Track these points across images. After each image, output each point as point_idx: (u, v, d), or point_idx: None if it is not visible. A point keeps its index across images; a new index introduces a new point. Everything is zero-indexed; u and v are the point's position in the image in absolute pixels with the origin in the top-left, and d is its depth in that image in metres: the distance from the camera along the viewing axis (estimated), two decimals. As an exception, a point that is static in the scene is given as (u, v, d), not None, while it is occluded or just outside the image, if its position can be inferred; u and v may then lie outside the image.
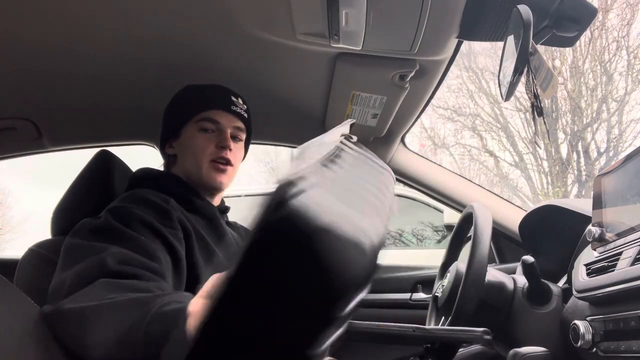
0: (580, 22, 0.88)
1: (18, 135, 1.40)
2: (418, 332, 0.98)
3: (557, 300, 1.21)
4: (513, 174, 10.25)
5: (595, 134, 9.26)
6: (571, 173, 9.38)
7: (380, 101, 1.30)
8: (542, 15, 0.86)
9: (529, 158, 9.90)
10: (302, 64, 1.19)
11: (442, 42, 1.03)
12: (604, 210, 1.06)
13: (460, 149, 10.72)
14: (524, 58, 0.77)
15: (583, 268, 1.07)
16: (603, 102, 9.12)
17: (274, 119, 1.47)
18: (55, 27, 1.02)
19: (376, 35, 1.00)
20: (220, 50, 1.15)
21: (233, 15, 1.01)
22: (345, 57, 1.13)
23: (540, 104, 0.81)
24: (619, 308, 0.91)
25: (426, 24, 0.95)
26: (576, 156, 9.31)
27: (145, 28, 1.06)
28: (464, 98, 10.53)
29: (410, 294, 1.77)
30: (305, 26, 1.00)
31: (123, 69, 1.21)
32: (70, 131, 1.48)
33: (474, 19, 0.95)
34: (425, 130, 10.76)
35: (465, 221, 1.33)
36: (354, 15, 0.93)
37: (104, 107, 1.38)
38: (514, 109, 9.69)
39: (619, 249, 0.96)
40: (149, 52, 1.15)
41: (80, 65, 1.17)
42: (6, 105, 1.30)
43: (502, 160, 10.22)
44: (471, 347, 1.57)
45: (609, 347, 0.93)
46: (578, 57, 9.08)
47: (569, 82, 9.19)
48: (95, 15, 1.00)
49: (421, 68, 1.15)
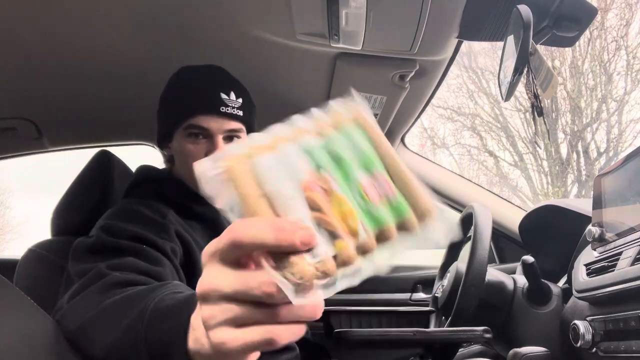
0: (580, 22, 0.88)
1: (18, 135, 1.40)
2: (418, 335, 0.98)
3: (557, 300, 1.21)
4: (513, 174, 10.25)
5: (595, 134, 9.26)
6: (571, 173, 9.38)
7: (380, 101, 1.30)
8: (542, 15, 0.86)
9: (528, 158, 9.89)
10: (302, 64, 1.19)
11: (442, 42, 1.03)
12: (604, 210, 1.06)
13: (460, 149, 10.72)
14: (524, 58, 0.78)
15: (583, 268, 1.07)
16: (603, 102, 9.12)
17: (274, 119, 1.46)
18: (56, 27, 1.02)
19: (376, 35, 1.00)
20: (220, 50, 1.15)
21: (233, 15, 1.01)
22: (345, 57, 1.13)
23: (540, 104, 0.81)
24: (619, 308, 0.91)
25: (426, 24, 0.95)
26: (576, 156, 9.30)
27: (145, 28, 1.06)
28: (464, 98, 10.53)
29: (410, 294, 1.77)
30: (305, 26, 1.00)
31: (123, 68, 1.21)
32: (70, 131, 1.48)
33: (474, 19, 0.95)
34: (425, 130, 10.75)
35: (465, 221, 1.33)
36: (354, 15, 0.93)
37: (104, 107, 1.38)
38: (514, 109, 9.69)
39: (619, 249, 0.96)
40: (149, 52, 1.15)
41: (80, 65, 1.17)
42: (6, 105, 1.30)
43: (502, 160, 10.22)
44: (471, 347, 1.57)
45: (609, 347, 0.93)
46: (577, 57, 9.08)
47: (569, 82, 9.19)
48: (95, 16, 1.00)
49: (421, 68, 1.15)
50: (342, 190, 0.32)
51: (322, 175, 0.32)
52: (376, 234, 0.33)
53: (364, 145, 0.34)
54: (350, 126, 0.35)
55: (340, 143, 0.34)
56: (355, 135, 0.34)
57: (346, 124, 0.35)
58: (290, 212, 0.32)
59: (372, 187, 0.33)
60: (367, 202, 0.33)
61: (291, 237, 0.31)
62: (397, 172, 0.35)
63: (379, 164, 0.34)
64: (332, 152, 0.33)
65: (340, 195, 0.32)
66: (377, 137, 0.35)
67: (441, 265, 1.45)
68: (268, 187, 0.32)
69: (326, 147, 0.34)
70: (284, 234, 0.31)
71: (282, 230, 0.31)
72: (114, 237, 0.80)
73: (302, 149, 0.34)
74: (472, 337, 1.03)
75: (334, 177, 0.33)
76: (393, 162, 0.35)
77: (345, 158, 0.33)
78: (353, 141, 0.34)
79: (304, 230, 0.31)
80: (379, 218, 0.33)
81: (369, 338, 0.99)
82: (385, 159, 0.35)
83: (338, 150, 0.33)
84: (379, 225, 0.33)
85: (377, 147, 0.35)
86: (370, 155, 0.34)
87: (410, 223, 0.34)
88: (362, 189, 0.33)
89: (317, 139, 0.34)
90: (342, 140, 0.34)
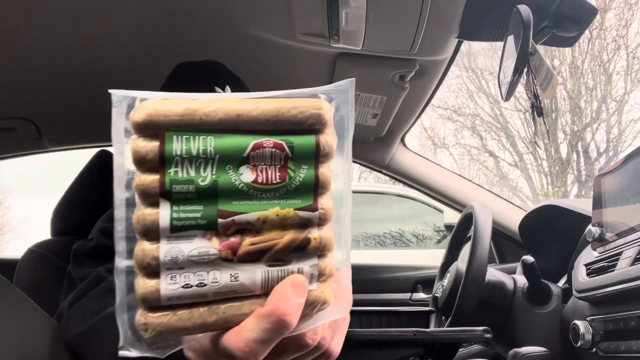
0: (580, 22, 0.88)
1: (18, 135, 1.40)
2: (419, 335, 0.98)
3: (557, 300, 1.21)
4: (513, 174, 10.26)
5: (595, 134, 9.27)
6: (571, 173, 9.39)
7: (380, 101, 1.30)
8: (542, 15, 0.86)
9: (528, 158, 9.90)
10: (302, 64, 1.19)
11: (442, 42, 1.03)
12: (604, 210, 1.06)
13: (460, 149, 10.73)
14: (524, 58, 0.78)
15: (583, 268, 1.07)
16: (602, 102, 9.13)
17: (274, 119, 1.47)
18: (56, 27, 1.02)
19: (376, 35, 1.00)
20: (220, 50, 1.15)
21: (233, 15, 1.01)
22: (345, 57, 1.13)
23: (540, 104, 0.81)
24: (619, 308, 0.91)
25: (426, 24, 0.95)
26: (576, 156, 9.31)
27: (145, 28, 1.06)
28: (464, 98, 10.54)
29: (410, 294, 1.78)
30: (305, 26, 1.00)
31: (123, 68, 1.21)
32: (70, 131, 1.48)
33: (474, 19, 0.95)
34: (425, 130, 10.77)
35: (465, 221, 1.33)
36: (354, 15, 0.93)
37: (104, 107, 1.37)
38: (514, 109, 9.69)
39: (619, 249, 0.96)
40: (149, 52, 1.15)
41: (80, 66, 1.17)
42: (6, 105, 1.30)
43: (502, 160, 10.22)
44: (471, 347, 1.57)
45: (609, 347, 0.93)
46: (577, 57, 9.09)
47: (569, 82, 9.19)
48: (95, 16, 1.00)
49: (421, 68, 1.15)
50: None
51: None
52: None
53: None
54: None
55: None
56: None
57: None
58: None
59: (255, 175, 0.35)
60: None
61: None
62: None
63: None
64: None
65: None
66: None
67: (441, 265, 1.45)
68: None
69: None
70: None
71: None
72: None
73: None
74: (472, 337, 1.03)
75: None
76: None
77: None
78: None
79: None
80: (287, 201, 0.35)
81: (369, 338, 0.99)
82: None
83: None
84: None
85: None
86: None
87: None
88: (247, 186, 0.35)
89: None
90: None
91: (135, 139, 0.31)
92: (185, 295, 0.31)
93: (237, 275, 0.31)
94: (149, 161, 0.31)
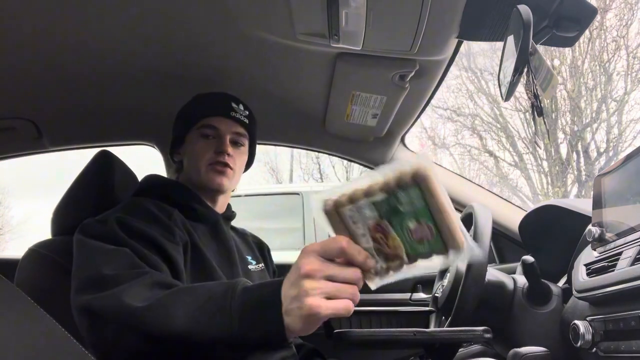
0: (580, 22, 0.88)
1: (18, 135, 1.40)
2: (419, 335, 0.98)
3: (557, 300, 1.21)
4: (513, 174, 10.25)
5: (595, 134, 9.26)
6: (571, 173, 9.38)
7: (380, 101, 1.30)
8: (542, 15, 0.86)
9: (528, 158, 9.90)
10: (302, 64, 1.19)
11: (442, 42, 1.03)
12: (604, 210, 1.07)
13: (460, 149, 10.73)
14: (524, 58, 0.78)
15: (583, 268, 1.07)
16: (602, 102, 9.12)
17: (274, 119, 1.47)
18: (56, 28, 1.02)
19: (376, 35, 1.00)
20: (220, 50, 1.15)
21: (233, 15, 1.01)
22: (345, 57, 1.13)
23: (540, 104, 0.81)
24: (619, 308, 0.91)
25: (426, 24, 0.95)
26: (576, 156, 9.31)
27: (145, 28, 1.06)
28: (464, 98, 10.54)
29: (410, 294, 1.78)
30: (305, 26, 1.00)
31: (123, 69, 1.21)
32: (70, 131, 1.48)
33: (474, 19, 0.95)
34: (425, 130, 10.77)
35: (465, 221, 1.33)
36: (354, 15, 0.93)
37: (104, 107, 1.38)
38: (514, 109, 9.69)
39: (619, 249, 0.96)
40: (149, 52, 1.15)
41: (80, 66, 1.17)
42: (6, 105, 1.30)
43: (502, 160, 10.22)
44: (471, 347, 1.57)
45: (609, 347, 0.94)
46: (577, 57, 9.09)
47: (569, 82, 9.19)
48: (96, 16, 1.00)
49: (421, 68, 1.15)
50: (395, 231, 0.55)
51: (382, 221, 0.55)
52: (416, 258, 0.56)
53: (418, 202, 0.53)
54: (410, 184, 0.52)
55: (400, 199, 0.53)
56: (412, 193, 0.52)
57: (407, 182, 0.52)
58: (361, 243, 0.57)
59: (417, 231, 0.54)
60: (412, 240, 0.55)
61: (360, 256, 0.56)
62: (440, 220, 0.53)
63: (426, 215, 0.53)
64: (392, 205, 0.53)
65: (393, 234, 0.55)
66: (433, 191, 0.52)
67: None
68: (349, 227, 0.56)
69: (388, 201, 0.53)
70: (361, 254, 0.56)
71: (360, 252, 0.56)
72: (125, 234, 0.86)
73: (371, 202, 0.54)
74: (472, 337, 1.03)
75: (391, 222, 0.54)
76: (439, 212, 0.53)
77: (401, 210, 0.53)
78: (410, 197, 0.53)
79: (364, 255, 0.56)
80: (418, 249, 0.55)
81: (369, 338, 0.99)
82: (433, 210, 0.53)
83: (397, 204, 0.53)
84: (417, 253, 0.56)
85: (429, 201, 0.52)
86: (420, 210, 0.53)
87: (441, 251, 0.55)
88: (410, 232, 0.54)
89: (383, 194, 0.53)
90: (402, 197, 0.53)
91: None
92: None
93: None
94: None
